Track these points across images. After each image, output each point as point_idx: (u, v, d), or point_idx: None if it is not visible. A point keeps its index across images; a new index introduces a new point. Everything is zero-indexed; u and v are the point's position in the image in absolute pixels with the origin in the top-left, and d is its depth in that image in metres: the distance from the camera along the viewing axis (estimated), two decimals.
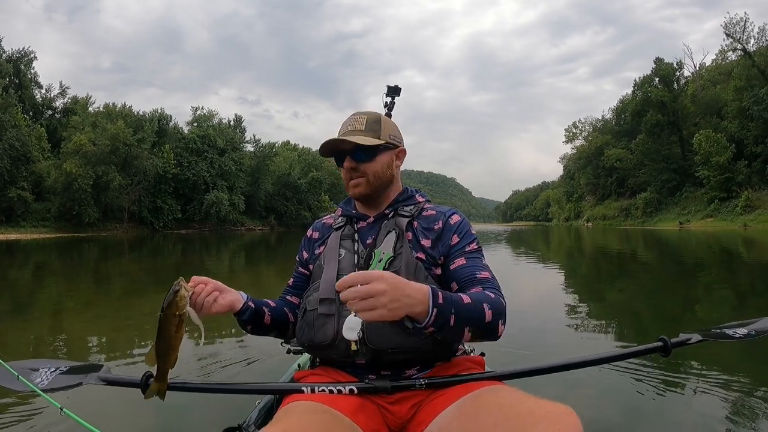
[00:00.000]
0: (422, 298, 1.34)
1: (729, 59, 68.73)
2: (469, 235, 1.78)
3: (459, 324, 1.40)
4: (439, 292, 1.39)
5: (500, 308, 1.50)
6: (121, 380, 1.55)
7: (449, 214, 1.83)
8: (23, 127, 57.17)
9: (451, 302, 1.39)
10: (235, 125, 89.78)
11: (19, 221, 54.90)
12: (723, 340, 1.69)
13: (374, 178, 1.79)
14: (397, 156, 1.88)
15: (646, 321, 7.23)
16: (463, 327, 1.42)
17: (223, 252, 26.97)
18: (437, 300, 1.36)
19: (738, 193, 53.98)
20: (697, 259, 18.16)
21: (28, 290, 11.62)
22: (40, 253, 26.69)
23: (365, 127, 1.79)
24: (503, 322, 1.51)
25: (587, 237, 42.24)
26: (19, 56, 67.54)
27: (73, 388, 1.55)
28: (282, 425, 1.33)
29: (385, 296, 1.27)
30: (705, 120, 65.60)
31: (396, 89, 2.33)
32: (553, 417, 1.15)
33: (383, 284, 1.27)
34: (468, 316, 1.42)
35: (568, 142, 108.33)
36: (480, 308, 1.45)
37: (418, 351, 1.58)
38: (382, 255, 1.68)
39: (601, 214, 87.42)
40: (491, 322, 1.46)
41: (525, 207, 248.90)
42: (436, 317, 1.35)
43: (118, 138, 61.42)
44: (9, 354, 5.60)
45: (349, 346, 1.59)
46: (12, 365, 1.67)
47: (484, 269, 1.67)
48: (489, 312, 1.45)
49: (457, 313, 1.39)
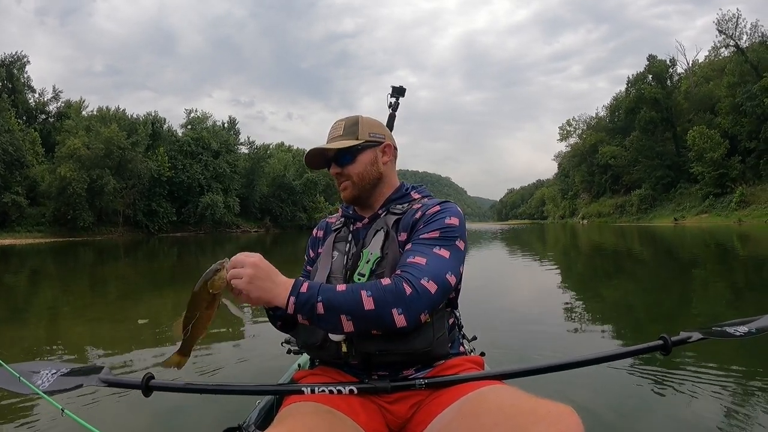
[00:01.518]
0: (285, 287, 1.45)
1: (722, 55, 69.20)
2: (437, 223, 1.66)
3: (330, 312, 1.44)
4: (306, 282, 1.46)
5: (391, 296, 1.44)
6: (122, 382, 1.55)
7: (432, 205, 1.74)
8: (17, 132, 56.89)
9: (320, 291, 1.46)
10: (229, 127, 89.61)
11: (14, 226, 54.67)
12: (724, 338, 1.69)
13: (359, 179, 1.78)
14: (383, 152, 1.84)
15: (644, 319, 7.22)
16: (337, 315, 1.44)
17: (219, 254, 26.45)
18: (298, 289, 1.44)
19: (732, 189, 54.29)
20: (693, 255, 18.25)
21: (24, 295, 11.61)
22: (35, 258, 26.59)
23: (343, 131, 1.79)
24: (402, 311, 1.44)
25: (583, 234, 42.29)
26: (12, 60, 67.21)
27: (75, 390, 1.55)
28: (285, 427, 1.33)
29: (251, 268, 1.44)
30: (698, 116, 65.89)
31: (401, 90, 2.35)
32: (554, 417, 1.15)
33: (256, 259, 1.46)
34: (339, 304, 1.44)
35: (562, 140, 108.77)
36: (356, 296, 1.44)
37: (408, 353, 1.56)
38: (370, 255, 1.67)
39: (596, 212, 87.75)
40: (375, 311, 1.43)
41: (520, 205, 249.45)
42: (298, 306, 1.43)
43: (112, 141, 61.16)
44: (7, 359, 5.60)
45: (340, 348, 1.60)
46: (13, 367, 1.67)
47: (421, 254, 1.56)
48: (368, 299, 1.43)
49: (326, 302, 1.43)
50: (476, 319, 5.91)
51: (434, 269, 1.52)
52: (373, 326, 1.46)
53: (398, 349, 1.54)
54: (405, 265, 1.53)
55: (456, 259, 1.61)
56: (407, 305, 1.44)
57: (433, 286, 1.49)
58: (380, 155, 1.82)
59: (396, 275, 1.50)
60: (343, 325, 1.44)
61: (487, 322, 6.36)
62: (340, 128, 1.80)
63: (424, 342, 1.55)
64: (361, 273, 1.65)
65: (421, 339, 1.54)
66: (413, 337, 1.52)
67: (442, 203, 1.76)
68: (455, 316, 1.82)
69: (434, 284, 1.49)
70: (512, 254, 21.77)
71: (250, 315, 6.82)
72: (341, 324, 1.44)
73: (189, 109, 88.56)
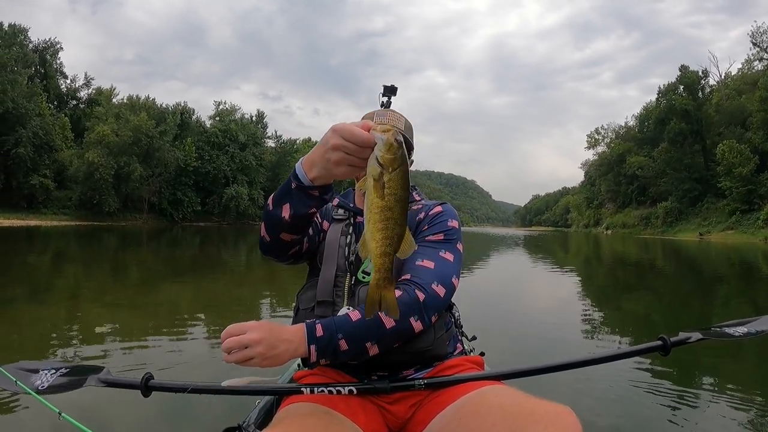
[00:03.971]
0: (300, 339, 1.37)
1: (755, 68, 68.16)
2: (441, 225, 1.69)
3: (355, 343, 1.41)
4: (318, 324, 1.40)
5: (406, 308, 1.44)
6: (121, 382, 1.55)
7: (434, 206, 1.78)
8: (47, 116, 58.07)
9: (336, 327, 1.41)
10: (257, 120, 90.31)
11: (40, 208, 55.75)
12: (723, 338, 1.68)
13: None
14: None
15: (654, 327, 7.20)
16: (362, 344, 1.42)
17: (241, 246, 27.18)
18: (314, 334, 1.38)
19: (760, 206, 53.26)
20: (716, 271, 17.94)
21: (45, 277, 11.79)
22: (59, 240, 27.07)
23: (403, 127, 1.80)
24: (418, 317, 1.47)
25: (605, 244, 42.02)
26: (45, 47, 68.47)
27: (74, 389, 1.55)
28: (282, 428, 1.33)
29: (260, 345, 1.32)
30: (729, 130, 64.82)
31: (393, 89, 2.31)
32: (552, 417, 1.15)
33: (257, 333, 1.32)
34: (360, 332, 1.42)
35: (590, 148, 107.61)
36: (375, 320, 1.42)
37: (411, 353, 1.57)
38: None
39: (620, 222, 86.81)
40: (395, 326, 1.44)
41: (544, 212, 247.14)
42: (321, 352, 1.38)
43: (141, 130, 62.10)
44: (22, 340, 5.70)
45: None
46: (13, 366, 1.66)
47: (428, 257, 1.58)
48: (387, 317, 1.41)
49: (347, 336, 1.40)
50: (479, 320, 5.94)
51: (442, 273, 1.56)
52: (396, 341, 1.49)
53: (401, 350, 1.54)
54: (414, 269, 1.54)
55: (458, 262, 1.65)
56: (422, 311, 1.47)
57: (441, 290, 1.52)
58: None
59: (406, 282, 1.52)
60: (368, 351, 1.45)
61: (487, 322, 6.37)
62: (401, 122, 1.81)
63: (425, 342, 1.57)
64: (365, 271, 1.65)
65: (423, 339, 1.55)
66: (416, 337, 1.52)
67: (442, 204, 1.79)
68: (454, 315, 1.83)
69: (443, 288, 1.53)
70: (532, 260, 21.68)
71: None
72: (367, 351, 1.45)
73: (218, 101, 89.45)
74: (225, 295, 9.53)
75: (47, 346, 5.36)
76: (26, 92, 55.16)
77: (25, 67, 58.95)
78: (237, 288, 10.59)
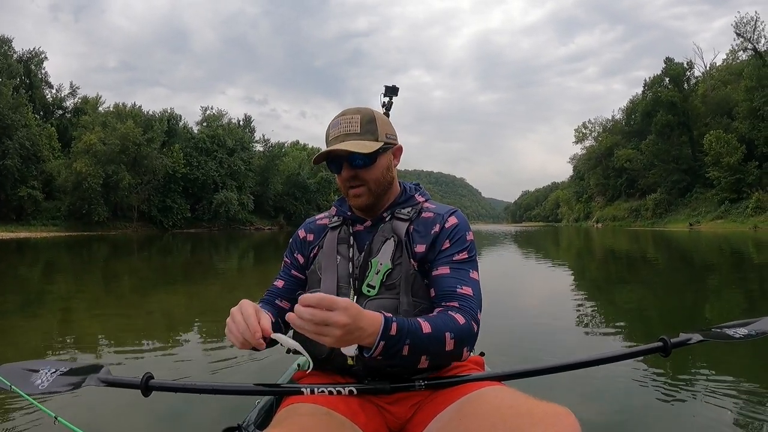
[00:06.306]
0: (374, 330, 1.28)
1: (740, 59, 68.64)
2: (463, 241, 1.65)
3: (414, 354, 1.36)
4: (394, 322, 1.32)
5: (466, 335, 1.45)
6: (121, 381, 1.53)
7: (447, 216, 1.70)
8: (33, 127, 57.69)
9: (407, 333, 1.34)
10: (244, 125, 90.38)
11: (29, 220, 55.40)
12: (723, 340, 1.67)
13: (375, 186, 1.66)
14: (395, 155, 1.74)
15: (653, 324, 7.16)
16: (419, 356, 1.38)
17: (232, 251, 27.09)
18: (388, 332, 1.30)
19: (748, 195, 53.73)
20: (707, 260, 18.04)
21: (36, 288, 11.73)
22: (50, 251, 26.89)
23: (360, 128, 1.61)
24: (470, 348, 1.49)
25: (596, 238, 42.10)
26: (30, 56, 68.09)
27: (73, 389, 1.54)
28: (282, 428, 1.32)
29: (341, 329, 1.20)
30: (715, 120, 65.35)
31: (394, 89, 2.30)
32: (551, 418, 1.15)
33: (345, 317, 1.20)
34: (425, 346, 1.37)
35: (577, 142, 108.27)
36: (441, 338, 1.39)
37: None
38: (380, 266, 1.60)
39: (610, 215, 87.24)
40: (453, 351, 1.42)
41: (534, 207, 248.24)
42: (384, 349, 1.30)
43: (128, 137, 61.90)
44: (17, 349, 5.66)
45: (346, 361, 1.55)
46: (13, 366, 1.65)
47: (467, 283, 1.57)
48: (451, 341, 1.40)
49: (412, 344, 1.34)
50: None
51: (479, 299, 1.58)
52: (446, 362, 1.52)
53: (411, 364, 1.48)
54: (462, 297, 1.53)
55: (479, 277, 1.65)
56: (473, 341, 1.50)
57: (480, 316, 1.55)
58: (392, 158, 1.73)
59: (464, 308, 1.50)
60: (420, 363, 1.41)
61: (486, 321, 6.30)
62: (355, 123, 1.61)
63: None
64: (370, 285, 1.58)
65: None
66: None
67: (455, 213, 1.74)
68: None
69: (480, 313, 1.56)
70: (524, 256, 21.75)
71: None
72: (418, 363, 1.41)
73: (205, 107, 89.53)
74: (220, 299, 9.50)
75: (43, 355, 5.30)
76: (12, 103, 54.62)
77: (10, 77, 58.58)
78: (231, 292, 10.55)
